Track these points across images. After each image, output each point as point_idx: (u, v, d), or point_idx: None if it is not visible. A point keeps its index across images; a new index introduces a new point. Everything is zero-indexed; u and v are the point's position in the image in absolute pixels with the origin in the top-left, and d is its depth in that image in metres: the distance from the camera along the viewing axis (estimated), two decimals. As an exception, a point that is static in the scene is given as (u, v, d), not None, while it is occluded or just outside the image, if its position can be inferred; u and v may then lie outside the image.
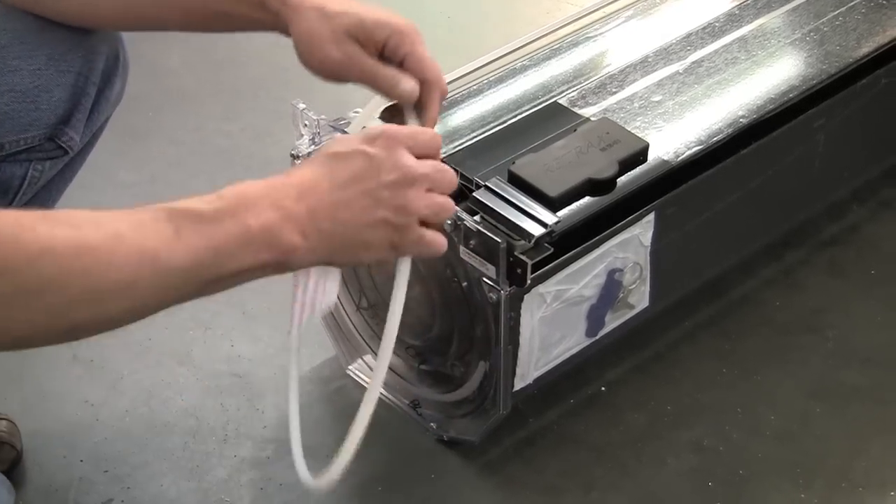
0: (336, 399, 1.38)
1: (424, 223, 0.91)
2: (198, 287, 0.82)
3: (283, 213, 0.84)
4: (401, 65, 0.99)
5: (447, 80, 1.32)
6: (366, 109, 1.06)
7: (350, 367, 1.41)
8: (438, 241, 0.92)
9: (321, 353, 1.43)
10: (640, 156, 1.23)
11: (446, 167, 0.93)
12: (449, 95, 1.32)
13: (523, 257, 1.12)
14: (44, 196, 1.17)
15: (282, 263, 0.85)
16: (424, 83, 1.00)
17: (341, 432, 0.94)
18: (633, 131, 1.26)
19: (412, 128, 0.96)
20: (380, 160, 0.88)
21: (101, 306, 0.78)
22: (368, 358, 1.40)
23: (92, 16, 1.08)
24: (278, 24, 1.03)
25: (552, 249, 1.14)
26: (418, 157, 0.91)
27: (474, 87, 1.36)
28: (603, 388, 1.39)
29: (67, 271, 0.75)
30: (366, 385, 1.38)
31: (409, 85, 0.99)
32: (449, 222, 1.14)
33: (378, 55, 0.99)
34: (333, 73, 1.01)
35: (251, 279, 0.85)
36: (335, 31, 0.99)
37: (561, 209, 1.17)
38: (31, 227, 0.75)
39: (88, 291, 0.77)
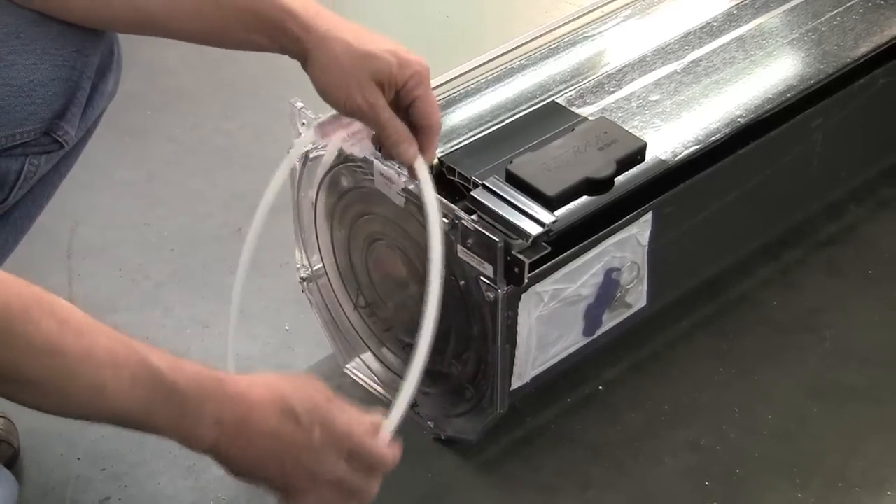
0: (333, 398, 1.38)
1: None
2: (118, 422, 0.87)
3: (213, 433, 0.88)
4: (410, 104, 1.04)
5: (445, 80, 1.34)
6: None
7: (347, 366, 1.41)
8: None
9: (319, 351, 1.43)
10: (638, 155, 1.24)
11: (373, 489, 0.94)
12: (447, 95, 1.33)
13: (521, 256, 1.12)
14: (39, 191, 1.17)
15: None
16: (429, 127, 1.05)
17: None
18: (630, 131, 1.26)
19: (371, 446, 0.94)
20: (316, 452, 0.91)
21: (38, 397, 0.84)
22: (366, 356, 1.39)
23: (99, 16, 1.08)
24: (295, 50, 1.05)
25: (549, 248, 1.15)
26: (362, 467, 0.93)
27: (472, 87, 1.35)
28: (600, 388, 1.39)
29: (25, 360, 0.81)
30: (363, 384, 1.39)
31: (408, 153, 1.05)
32: (447, 221, 1.14)
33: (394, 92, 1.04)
34: (347, 112, 1.06)
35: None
36: (361, 75, 1.03)
37: (558, 208, 1.17)
38: (23, 310, 0.80)
39: (34, 381, 0.82)
